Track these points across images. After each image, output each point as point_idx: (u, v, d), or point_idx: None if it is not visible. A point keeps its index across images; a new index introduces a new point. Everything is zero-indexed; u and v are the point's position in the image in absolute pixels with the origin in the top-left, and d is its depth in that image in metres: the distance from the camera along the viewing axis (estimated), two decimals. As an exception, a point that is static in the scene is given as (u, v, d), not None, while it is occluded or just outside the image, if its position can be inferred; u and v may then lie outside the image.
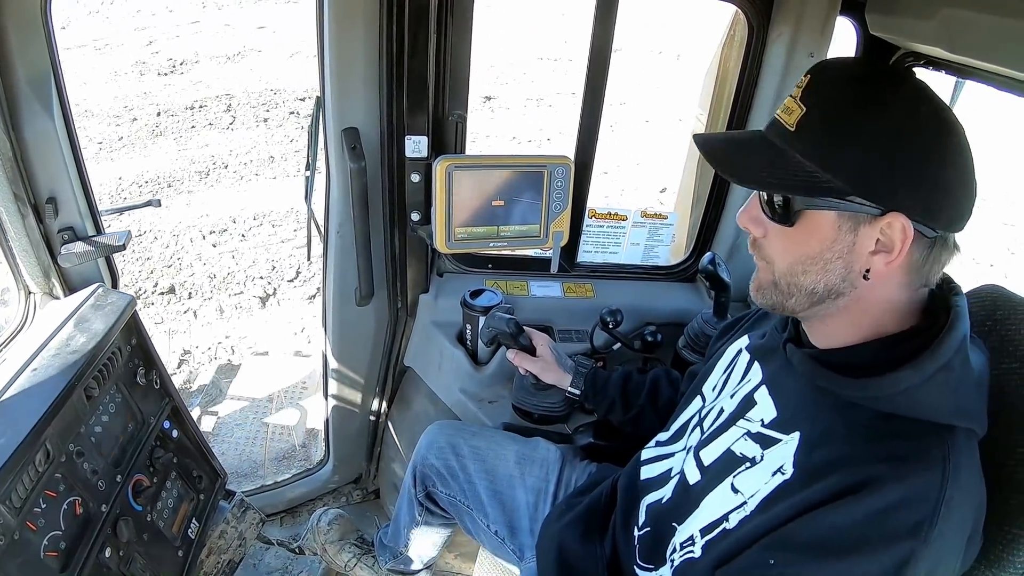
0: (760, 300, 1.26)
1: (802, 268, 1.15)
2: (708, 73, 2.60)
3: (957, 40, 1.51)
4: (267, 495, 2.96)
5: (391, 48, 1.90)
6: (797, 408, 1.25)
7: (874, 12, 1.94)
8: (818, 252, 1.12)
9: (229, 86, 9.36)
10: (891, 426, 1.09)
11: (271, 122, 8.36)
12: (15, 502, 1.48)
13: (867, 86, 1.07)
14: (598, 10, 2.05)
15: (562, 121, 9.22)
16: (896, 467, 1.03)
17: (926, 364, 1.06)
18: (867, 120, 1.05)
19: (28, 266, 1.89)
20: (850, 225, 1.08)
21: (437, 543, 2.33)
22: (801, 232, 1.13)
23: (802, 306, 1.19)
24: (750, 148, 1.19)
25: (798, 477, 1.14)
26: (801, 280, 1.16)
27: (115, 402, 1.92)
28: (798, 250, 1.15)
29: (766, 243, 1.20)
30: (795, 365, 1.27)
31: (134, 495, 1.94)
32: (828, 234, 1.11)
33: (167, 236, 5.69)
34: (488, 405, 2.35)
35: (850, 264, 1.11)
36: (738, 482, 1.26)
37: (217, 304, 4.96)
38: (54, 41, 1.74)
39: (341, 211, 2.19)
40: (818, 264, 1.13)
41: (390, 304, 2.47)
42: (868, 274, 1.10)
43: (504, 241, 2.14)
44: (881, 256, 1.08)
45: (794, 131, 1.11)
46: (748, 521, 1.19)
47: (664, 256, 2.67)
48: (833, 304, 1.16)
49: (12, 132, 1.70)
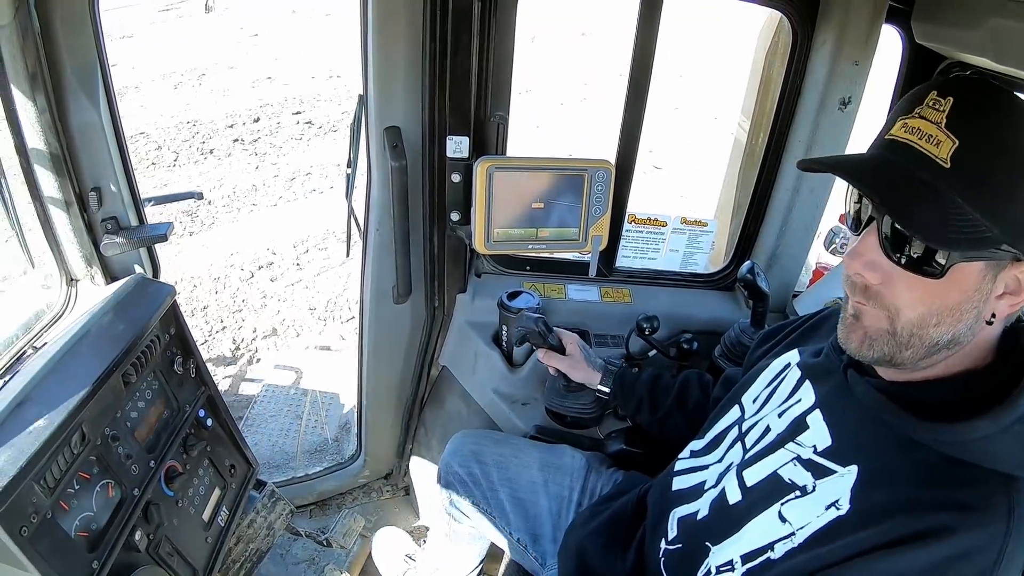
0: (868, 353, 1.13)
1: (936, 319, 1.05)
2: (751, 80, 2.58)
3: (1004, 50, 1.49)
4: (297, 487, 2.98)
5: (433, 48, 1.91)
6: (855, 439, 1.20)
7: (920, 21, 1.92)
8: (958, 303, 1.03)
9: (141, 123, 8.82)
10: (957, 472, 1.04)
11: (218, 151, 8.00)
12: (49, 482, 1.51)
13: (1021, 119, 0.98)
14: (642, 14, 2.04)
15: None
16: (963, 517, 1.00)
17: (1003, 415, 1.01)
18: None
19: (71, 254, 1.92)
20: (992, 273, 1.01)
21: (471, 555, 2.33)
22: (946, 284, 1.02)
23: (917, 357, 1.09)
24: (904, 185, 1.02)
25: (855, 515, 1.09)
26: (930, 332, 1.06)
27: (152, 389, 1.95)
28: (936, 302, 1.04)
29: (888, 291, 1.08)
30: (856, 394, 1.21)
31: (166, 481, 1.96)
32: (972, 284, 1.02)
33: (208, 281, 5.36)
34: (521, 407, 2.35)
35: (981, 312, 1.04)
36: (786, 511, 1.21)
37: (336, 333, 4.83)
38: (101, 34, 1.77)
39: (381, 209, 2.20)
40: (954, 315, 1.04)
41: (427, 303, 2.48)
42: (993, 319, 1.05)
43: (543, 243, 2.14)
44: (1007, 299, 1.03)
45: (950, 168, 0.98)
46: (795, 554, 1.15)
47: (703, 264, 2.65)
48: (947, 354, 1.09)
49: (59, 123, 1.73)
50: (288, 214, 6.63)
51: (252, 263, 5.65)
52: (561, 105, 10.49)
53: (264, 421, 3.47)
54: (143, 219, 2.04)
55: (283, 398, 3.67)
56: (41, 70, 1.66)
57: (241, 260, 5.68)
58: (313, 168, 7.62)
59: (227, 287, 5.28)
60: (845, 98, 2.17)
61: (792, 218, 2.42)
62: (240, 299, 5.12)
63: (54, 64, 1.69)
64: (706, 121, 9.78)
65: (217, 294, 5.19)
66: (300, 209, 6.75)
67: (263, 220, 6.50)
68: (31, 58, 1.64)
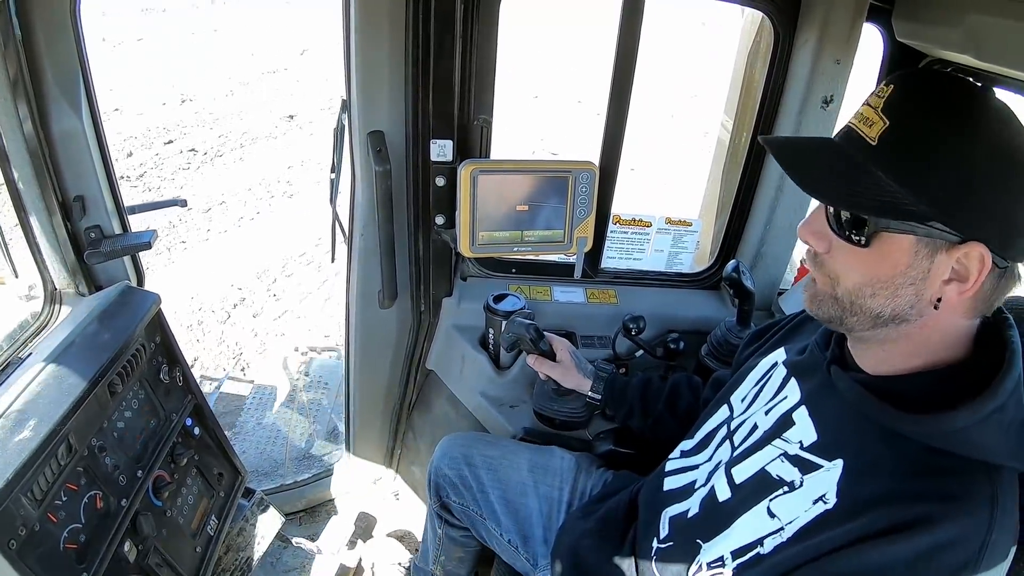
0: (815, 311, 1.21)
1: (871, 291, 1.10)
2: (733, 80, 2.59)
3: (983, 47, 1.50)
4: (286, 494, 2.97)
5: (417, 52, 1.91)
6: (839, 433, 1.22)
7: (901, 19, 1.93)
8: (890, 276, 1.08)
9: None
10: (940, 463, 1.06)
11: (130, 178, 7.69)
12: (37, 494, 1.50)
13: (956, 105, 1.02)
14: (624, 16, 2.04)
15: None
16: (947, 506, 1.01)
17: (982, 405, 1.03)
18: (956, 143, 1.00)
19: (55, 263, 1.91)
20: (928, 251, 1.04)
21: (464, 559, 2.32)
22: (874, 254, 1.08)
23: (863, 326, 1.14)
24: (826, 159, 1.12)
25: (842, 508, 1.11)
26: (868, 302, 1.11)
27: (138, 398, 1.94)
28: (869, 271, 1.10)
29: (830, 259, 1.15)
30: (840, 389, 1.23)
31: (155, 491, 1.96)
32: (903, 259, 1.06)
33: (182, 330, 4.91)
34: (509, 410, 2.34)
35: (921, 292, 1.07)
36: (775, 506, 1.23)
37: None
38: (83, 41, 1.76)
39: (366, 213, 2.20)
40: (888, 288, 1.08)
41: (413, 307, 2.48)
42: (939, 303, 1.07)
43: (528, 246, 2.14)
44: (955, 285, 1.04)
45: (876, 146, 1.05)
46: (784, 548, 1.17)
47: (688, 263, 2.66)
48: (896, 329, 1.12)
49: (41, 131, 1.72)
50: (226, 247, 6.40)
51: (220, 303, 5.40)
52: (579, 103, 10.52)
53: (252, 428, 3.46)
54: (127, 227, 2.03)
55: (270, 405, 3.66)
56: (23, 77, 1.65)
57: (207, 302, 5.40)
58: (225, 196, 7.47)
59: (206, 333, 5.01)
60: (827, 96, 2.18)
61: (776, 216, 2.43)
62: (233, 341, 4.93)
63: (36, 71, 1.69)
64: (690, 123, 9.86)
65: (199, 342, 4.88)
66: (237, 240, 6.56)
67: (203, 257, 6.19)
68: (12, 65, 1.63)
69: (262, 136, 9.35)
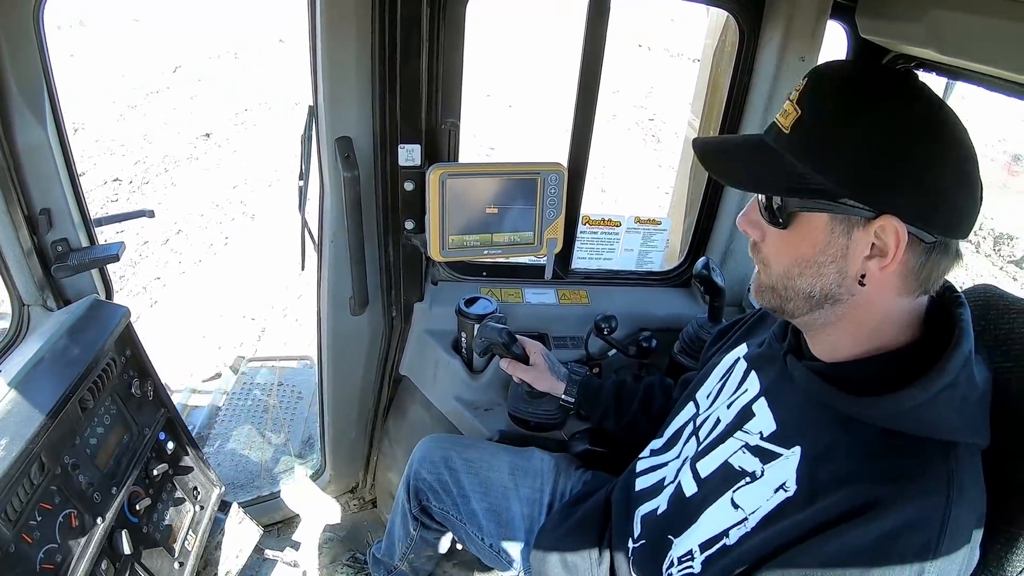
0: (761, 301, 1.26)
1: (797, 271, 1.14)
2: (700, 78, 2.61)
3: (946, 41, 1.52)
4: (263, 506, 2.95)
5: (383, 56, 1.90)
6: (797, 422, 1.24)
7: (864, 15, 1.95)
8: (811, 255, 1.12)
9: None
10: (895, 444, 1.08)
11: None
12: (10, 515, 1.48)
13: (861, 87, 1.06)
14: (590, 15, 2.05)
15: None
16: (902, 488, 1.02)
17: (931, 383, 1.05)
18: (859, 120, 1.04)
19: (21, 277, 1.88)
20: (843, 228, 1.08)
21: (433, 556, 2.32)
22: (795, 235, 1.13)
23: (801, 310, 1.18)
24: (745, 151, 1.20)
25: (801, 495, 1.13)
26: (796, 283, 1.15)
27: (110, 414, 1.92)
28: (792, 252, 1.14)
29: (763, 246, 1.20)
30: (795, 378, 1.26)
31: (130, 507, 1.94)
32: (821, 236, 1.10)
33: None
34: (484, 413, 2.34)
35: (844, 268, 1.10)
36: (738, 497, 1.25)
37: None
38: (46, 50, 1.73)
39: (335, 220, 2.18)
40: (812, 267, 1.12)
41: (385, 313, 2.47)
42: (864, 279, 1.09)
43: (498, 248, 2.14)
44: (876, 261, 1.07)
45: (788, 133, 1.10)
46: (749, 538, 1.18)
47: (658, 261, 2.67)
48: (832, 310, 1.15)
49: (5, 143, 1.69)
50: (209, 276, 6.12)
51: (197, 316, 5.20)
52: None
53: (226, 440, 3.43)
54: (94, 239, 2.01)
55: (244, 415, 3.63)
56: None
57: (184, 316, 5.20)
58: (178, 223, 7.11)
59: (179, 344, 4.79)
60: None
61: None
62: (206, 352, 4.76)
63: None
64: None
65: (170, 354, 4.54)
66: (216, 267, 6.29)
67: (188, 289, 5.86)
68: (-25, 77, 1.60)
69: (183, 158, 9.02)
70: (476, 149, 9.53)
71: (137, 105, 10.97)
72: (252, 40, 15.26)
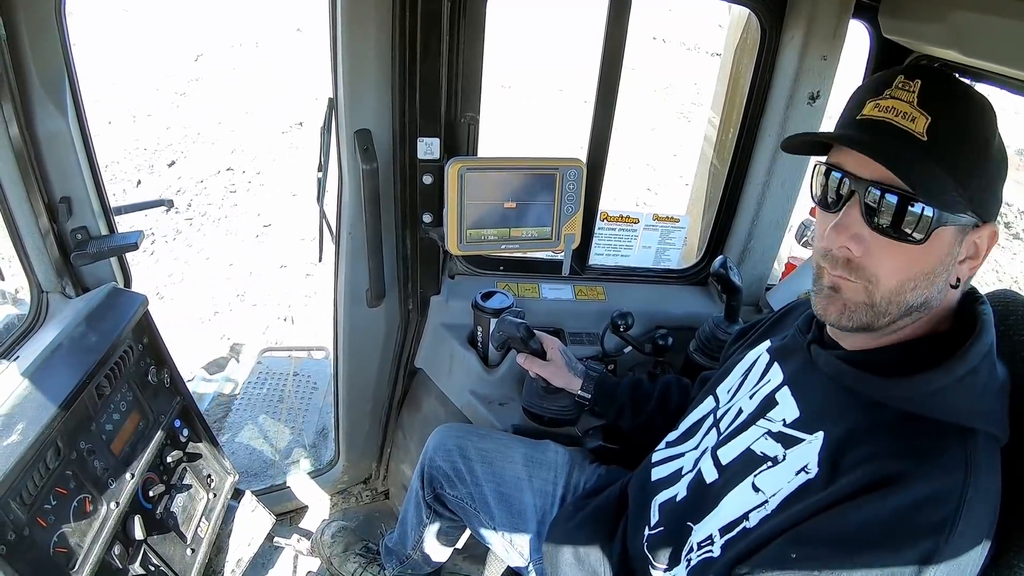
0: (845, 323, 1.16)
1: (912, 284, 1.10)
2: (720, 76, 2.60)
3: (968, 43, 1.51)
4: (276, 494, 2.96)
5: (403, 51, 1.90)
6: (821, 408, 1.25)
7: (887, 15, 1.94)
8: (932, 268, 1.09)
9: None
10: (916, 425, 1.09)
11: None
12: (26, 499, 1.49)
13: (979, 102, 1.07)
14: (611, 12, 2.05)
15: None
16: (921, 463, 1.04)
17: (956, 367, 1.07)
18: (990, 138, 1.07)
19: (41, 265, 1.89)
20: (960, 238, 1.09)
21: (445, 546, 2.32)
22: (924, 249, 1.07)
23: (892, 321, 1.14)
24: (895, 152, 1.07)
25: (822, 475, 1.14)
26: (907, 297, 1.11)
27: (126, 400, 1.93)
28: (915, 267, 1.09)
29: (869, 262, 1.11)
30: (820, 366, 1.27)
31: (144, 493, 1.95)
32: (946, 249, 1.08)
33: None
34: (498, 407, 2.34)
35: (949, 275, 1.11)
36: (759, 481, 1.26)
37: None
38: (68, 41, 1.74)
39: (353, 212, 2.19)
40: (927, 279, 1.10)
41: (401, 306, 2.48)
42: (958, 283, 1.12)
43: (516, 243, 2.14)
44: (967, 263, 1.11)
45: (927, 140, 1.04)
46: (769, 519, 1.19)
47: (675, 259, 2.67)
48: (917, 316, 1.14)
49: (26, 132, 1.70)
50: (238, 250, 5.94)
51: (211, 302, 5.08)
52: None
53: (241, 429, 3.45)
54: (113, 228, 2.02)
55: (260, 405, 3.64)
56: (7, 78, 1.62)
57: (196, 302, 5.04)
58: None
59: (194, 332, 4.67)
60: (814, 92, 2.19)
61: (763, 212, 2.44)
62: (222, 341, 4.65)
63: (20, 72, 1.66)
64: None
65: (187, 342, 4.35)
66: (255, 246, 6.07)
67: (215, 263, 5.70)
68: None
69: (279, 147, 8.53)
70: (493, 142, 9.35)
71: (185, 92, 10.59)
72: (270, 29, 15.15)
